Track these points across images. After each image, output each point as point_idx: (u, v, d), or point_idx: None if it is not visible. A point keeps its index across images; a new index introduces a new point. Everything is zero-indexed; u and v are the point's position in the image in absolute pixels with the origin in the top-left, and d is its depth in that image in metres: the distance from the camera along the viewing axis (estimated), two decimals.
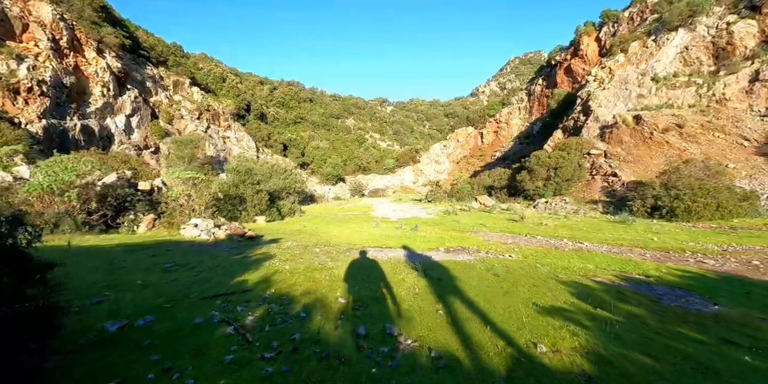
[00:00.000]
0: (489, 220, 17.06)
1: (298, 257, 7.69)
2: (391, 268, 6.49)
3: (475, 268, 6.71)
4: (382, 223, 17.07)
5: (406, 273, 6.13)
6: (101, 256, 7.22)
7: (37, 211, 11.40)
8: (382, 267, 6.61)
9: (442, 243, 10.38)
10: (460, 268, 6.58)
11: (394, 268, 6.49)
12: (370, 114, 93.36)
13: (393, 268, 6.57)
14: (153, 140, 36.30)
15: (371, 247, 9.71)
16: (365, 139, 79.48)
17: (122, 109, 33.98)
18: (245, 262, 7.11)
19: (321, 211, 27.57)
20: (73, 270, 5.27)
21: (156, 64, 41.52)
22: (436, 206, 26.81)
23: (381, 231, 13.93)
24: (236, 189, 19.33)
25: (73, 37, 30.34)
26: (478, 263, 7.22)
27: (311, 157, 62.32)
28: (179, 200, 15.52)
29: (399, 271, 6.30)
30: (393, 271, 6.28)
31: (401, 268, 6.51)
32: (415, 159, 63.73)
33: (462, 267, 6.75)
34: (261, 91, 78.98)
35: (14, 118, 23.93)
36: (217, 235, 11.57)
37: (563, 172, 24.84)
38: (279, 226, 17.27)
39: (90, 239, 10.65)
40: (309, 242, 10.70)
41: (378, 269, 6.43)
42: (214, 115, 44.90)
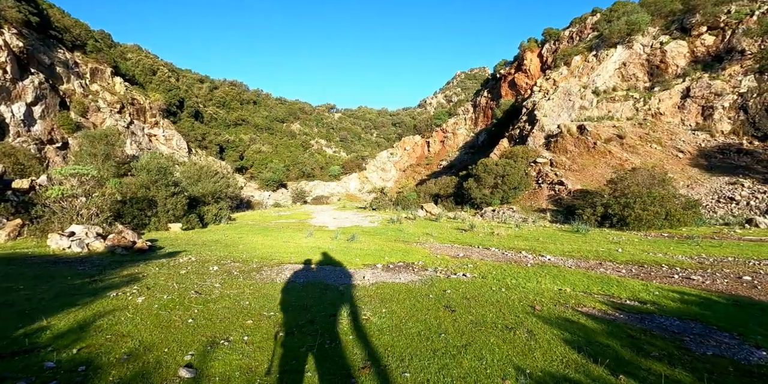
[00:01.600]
0: (436, 229, 15.60)
1: (176, 282, 5.53)
2: (302, 301, 4.62)
3: (420, 296, 4.95)
4: (318, 232, 15.02)
5: (318, 309, 4.27)
6: None
7: None
8: (289, 298, 4.69)
9: (381, 257, 8.59)
10: (401, 298, 4.81)
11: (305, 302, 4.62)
12: (317, 120, 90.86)
13: (305, 299, 4.70)
14: (60, 133, 31.40)
15: (292, 263, 7.70)
16: (311, 144, 76.76)
17: (22, 96, 29.00)
18: (84, 290, 4.83)
19: (254, 219, 24.88)
20: None
21: (71, 48, 36.39)
22: (381, 214, 25.15)
23: (313, 242, 11.90)
24: (146, 191, 16.33)
25: None
26: (425, 287, 5.49)
27: (251, 161, 58.50)
28: (62, 202, 12.50)
29: (311, 306, 4.42)
30: (302, 306, 4.42)
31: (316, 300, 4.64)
32: (362, 166, 62.10)
33: (403, 295, 4.96)
34: (200, 90, 73.89)
35: None
36: (93, 247, 8.91)
37: (510, 179, 24.24)
38: (195, 235, 14.65)
39: None
40: (213, 257, 8.46)
41: (279, 304, 4.50)
42: (140, 109, 40.21)
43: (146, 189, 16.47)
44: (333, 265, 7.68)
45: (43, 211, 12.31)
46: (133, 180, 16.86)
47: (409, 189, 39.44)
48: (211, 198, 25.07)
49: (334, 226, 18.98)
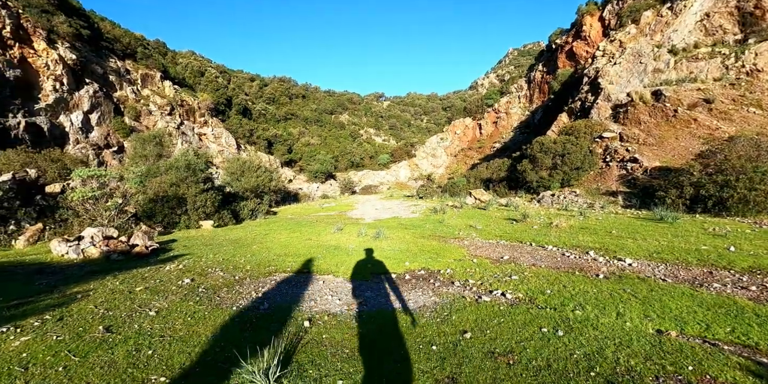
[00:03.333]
0: (482, 219, 13.48)
1: (105, 307, 4.26)
2: (215, 354, 3.07)
3: (420, 348, 3.21)
4: (350, 226, 13.54)
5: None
6: None
7: None
8: (204, 345, 3.16)
9: (401, 262, 6.88)
10: (380, 356, 3.10)
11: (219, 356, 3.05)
12: (365, 109, 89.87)
13: (224, 350, 3.16)
14: (116, 138, 32.93)
15: (286, 272, 6.29)
16: (360, 134, 75.90)
17: (79, 105, 30.58)
18: None
19: (295, 212, 24.12)
20: None
21: (122, 56, 38.01)
22: (426, 203, 23.25)
23: (336, 238, 10.45)
24: (176, 189, 15.85)
25: (19, 26, 26.94)
26: (434, 326, 3.73)
27: (299, 153, 58.78)
28: (85, 204, 12.16)
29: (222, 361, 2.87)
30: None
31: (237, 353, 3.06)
32: (411, 153, 60.09)
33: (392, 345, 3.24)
34: (250, 88, 75.83)
35: None
36: (88, 253, 8.11)
37: (572, 159, 21.14)
38: (223, 232, 13.84)
39: None
40: (209, 262, 7.30)
41: (176, 365, 2.97)
42: (189, 110, 41.39)
43: (176, 187, 16.02)
44: (334, 274, 6.15)
45: (67, 214, 12.08)
46: (164, 178, 16.50)
47: (459, 174, 37.04)
48: (252, 193, 24.73)
49: (371, 218, 17.48)
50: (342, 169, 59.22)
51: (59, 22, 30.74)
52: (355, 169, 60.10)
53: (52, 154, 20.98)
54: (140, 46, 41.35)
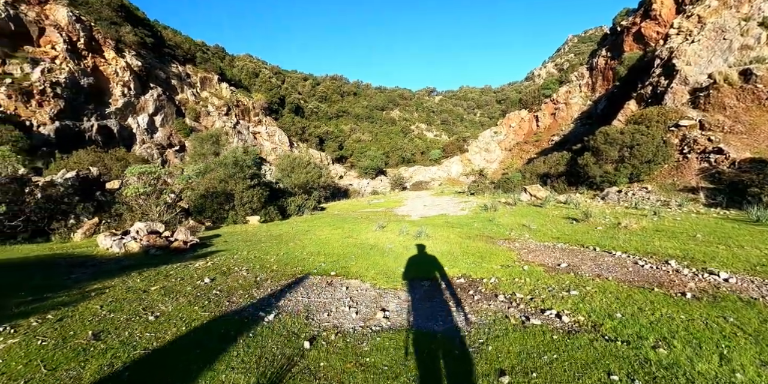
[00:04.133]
0: (538, 218, 12.24)
1: (110, 309, 3.97)
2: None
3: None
4: (393, 223, 12.90)
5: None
6: None
7: None
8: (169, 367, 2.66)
9: (438, 268, 6.18)
10: None
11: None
12: (416, 104, 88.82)
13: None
14: (178, 138, 34.88)
15: (312, 274, 5.80)
16: (411, 130, 75.01)
17: (145, 108, 32.72)
18: None
19: (343, 208, 23.93)
20: None
21: (183, 61, 40.21)
22: (478, 200, 22.03)
23: (376, 236, 9.87)
24: (224, 185, 16.18)
25: (91, 38, 29.26)
26: (464, 361, 2.98)
27: (350, 150, 59.13)
28: (138, 200, 12.63)
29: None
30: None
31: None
32: (464, 148, 58.20)
33: None
34: (303, 87, 77.74)
35: (26, 120, 22.88)
36: (129, 248, 8.19)
37: (642, 151, 18.88)
38: (267, 228, 13.83)
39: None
40: (240, 260, 7.09)
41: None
42: (244, 110, 42.97)
43: (224, 183, 16.34)
44: (361, 278, 5.55)
45: (122, 209, 12.61)
46: (213, 175, 16.91)
47: (514, 170, 35.17)
48: (301, 189, 24.98)
49: (418, 215, 16.75)
50: (393, 165, 58.81)
51: (126, 32, 32.98)
52: (405, 165, 59.43)
53: (117, 153, 22.47)
54: (199, 51, 43.53)
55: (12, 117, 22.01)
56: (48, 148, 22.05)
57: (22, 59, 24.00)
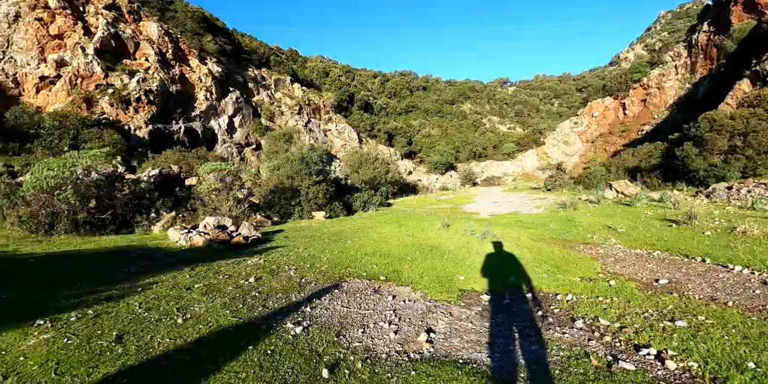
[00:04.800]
0: (626, 219, 10.54)
1: (148, 307, 3.81)
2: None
3: None
4: (459, 222, 12.00)
5: None
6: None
7: (32, 211, 9.81)
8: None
9: (504, 275, 5.33)
10: None
11: None
12: (488, 96, 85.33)
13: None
14: (255, 137, 36.88)
15: (359, 278, 5.37)
16: (482, 123, 72.14)
17: (225, 111, 35.02)
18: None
19: (410, 204, 23.37)
20: None
21: (258, 65, 42.47)
22: (554, 196, 20.12)
23: (439, 236, 9.12)
24: (291, 181, 16.43)
25: (178, 49, 31.96)
26: None
27: (419, 145, 58.33)
28: (210, 195, 13.20)
29: None
30: None
31: None
32: (540, 141, 54.53)
33: None
34: (373, 84, 78.49)
35: (125, 125, 25.51)
36: (194, 242, 8.37)
37: (760, 139, 15.73)
38: (331, 223, 13.79)
39: (69, 242, 8.56)
40: (293, 257, 6.91)
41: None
42: (315, 109, 44.30)
43: (291, 179, 16.60)
44: (413, 286, 4.93)
45: (196, 204, 13.24)
46: (281, 171, 17.28)
47: (597, 163, 31.95)
48: (368, 184, 24.90)
49: (487, 212, 15.60)
50: (463, 160, 56.97)
51: (207, 41, 35.50)
52: (476, 159, 57.26)
53: (199, 152, 24.15)
54: (273, 54, 45.70)
55: (114, 122, 24.58)
56: (142, 149, 24.35)
57: (122, 71, 26.73)
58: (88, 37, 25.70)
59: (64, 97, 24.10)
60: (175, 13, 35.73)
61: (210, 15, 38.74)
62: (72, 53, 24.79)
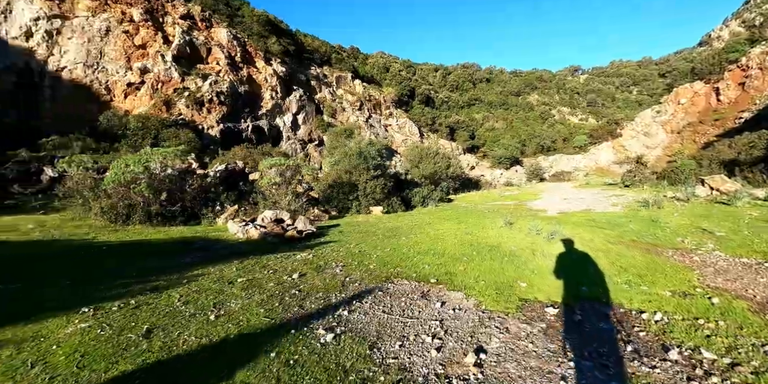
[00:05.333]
0: (726, 220, 8.93)
1: (185, 300, 3.67)
2: None
3: None
4: (524, 220, 11.03)
5: None
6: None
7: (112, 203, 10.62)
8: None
9: (575, 284, 4.54)
10: None
11: None
12: (557, 86, 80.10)
13: None
14: (317, 134, 37.78)
15: (408, 280, 4.94)
16: (551, 114, 67.82)
17: (289, 109, 36.24)
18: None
19: (472, 200, 22.42)
20: None
21: (320, 64, 43.43)
22: (633, 194, 18.03)
23: (500, 235, 8.37)
24: (349, 176, 16.36)
25: (245, 52, 33.58)
26: None
27: (483, 139, 56.22)
28: (271, 189, 13.49)
29: None
30: None
31: None
32: (615, 133, 49.99)
33: None
34: (434, 78, 77.21)
35: (199, 124, 27.29)
36: (250, 234, 8.46)
37: None
38: (388, 219, 13.52)
39: (141, 231, 9.19)
40: (343, 254, 6.65)
41: None
42: (376, 104, 44.40)
43: (349, 174, 16.53)
44: (466, 292, 4.37)
45: (257, 198, 13.60)
46: (340, 166, 17.28)
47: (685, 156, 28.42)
48: (428, 179, 24.36)
49: (555, 210, 14.31)
50: (529, 154, 54.00)
51: (272, 43, 36.88)
52: (544, 153, 53.95)
53: (264, 148, 25.12)
54: (334, 52, 46.44)
55: (189, 122, 26.33)
56: (214, 147, 25.84)
57: (196, 75, 28.55)
58: (167, 45, 27.73)
59: (148, 100, 26.21)
60: (242, 19, 37.54)
61: (274, 18, 40.25)
62: (153, 61, 26.90)
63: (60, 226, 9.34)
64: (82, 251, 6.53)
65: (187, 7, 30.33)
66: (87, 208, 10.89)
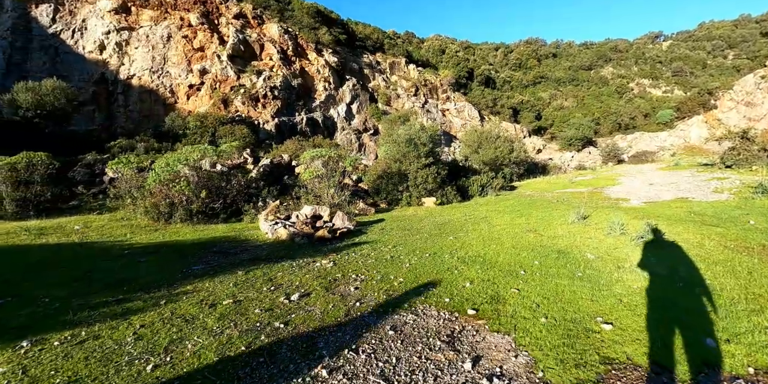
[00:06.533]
0: None
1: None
2: None
3: None
4: (601, 211, 9.12)
5: None
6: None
7: (155, 202, 10.56)
8: None
9: (689, 337, 2.92)
10: None
11: None
12: (636, 56, 71.76)
13: None
14: (372, 122, 36.98)
15: (441, 309, 3.64)
16: (628, 88, 60.77)
17: (343, 99, 35.74)
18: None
19: (537, 187, 20.20)
20: None
21: (373, 51, 42.36)
22: (741, 176, 14.79)
23: (571, 234, 6.75)
24: (399, 165, 15.23)
25: (297, 45, 33.49)
26: None
27: (550, 119, 51.77)
28: (315, 182, 12.82)
29: None
30: None
31: None
32: (708, 104, 43.13)
33: None
34: (495, 57, 72.92)
35: (254, 120, 27.74)
36: (278, 234, 7.71)
37: None
38: (441, 211, 12.34)
39: (178, 231, 8.99)
40: (369, 264, 5.54)
41: None
42: (432, 88, 42.42)
43: (399, 162, 15.40)
44: (516, 337, 3.00)
45: (300, 192, 12.99)
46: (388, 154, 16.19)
47: None
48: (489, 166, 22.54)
49: (640, 198, 11.99)
50: (605, 134, 48.77)
51: (323, 33, 36.36)
52: (622, 131, 48.43)
53: (316, 140, 24.76)
54: (387, 38, 45.02)
55: (246, 118, 26.77)
56: (269, 141, 26.02)
57: (250, 72, 28.90)
58: (223, 45, 28.32)
59: (207, 100, 27.01)
60: (292, 12, 37.42)
61: (324, 8, 39.73)
62: (211, 61, 27.63)
63: (104, 226, 9.32)
64: (98, 257, 6.15)
65: (239, 6, 30.72)
66: (135, 208, 10.93)
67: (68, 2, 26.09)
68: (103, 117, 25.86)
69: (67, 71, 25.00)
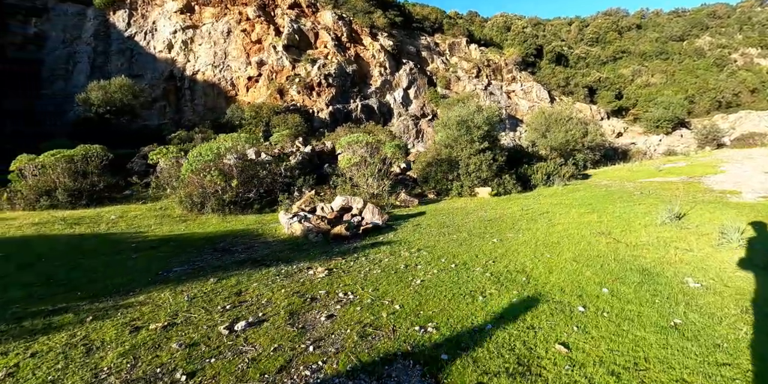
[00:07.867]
0: None
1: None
2: None
3: None
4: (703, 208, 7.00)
5: None
6: None
7: (188, 192, 10.37)
8: None
9: None
10: None
11: None
12: (739, 22, 61.39)
13: None
14: (430, 107, 35.31)
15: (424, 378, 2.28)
16: (730, 59, 52.01)
17: (399, 84, 34.44)
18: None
19: (616, 176, 17.37)
20: None
21: (431, 32, 40.28)
22: None
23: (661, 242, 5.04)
24: (449, 150, 13.79)
25: (351, 31, 32.69)
26: None
27: (633, 98, 45.87)
28: (353, 170, 11.92)
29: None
30: None
31: None
32: None
33: None
34: (568, 33, 66.59)
35: (309, 109, 27.63)
36: (293, 230, 6.87)
37: None
38: (495, 203, 10.86)
39: (205, 222, 8.51)
40: (372, 275, 4.50)
41: None
42: (495, 69, 39.35)
43: (449, 148, 13.93)
44: None
45: (336, 181, 12.13)
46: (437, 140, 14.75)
47: None
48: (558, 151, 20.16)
49: (755, 191, 9.36)
50: (700, 114, 42.22)
51: (377, 17, 35.01)
52: (722, 110, 41.55)
53: (368, 127, 23.92)
54: (446, 18, 42.55)
55: (301, 107, 26.65)
56: (323, 129, 25.70)
57: (305, 61, 28.66)
58: (278, 36, 28.35)
59: (265, 91, 27.29)
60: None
61: None
62: (267, 53, 27.82)
63: (137, 216, 9.21)
64: (98, 252, 5.73)
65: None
66: (174, 198, 10.84)
67: (140, 6, 27.61)
68: (173, 111, 27.16)
69: (141, 71, 26.56)
